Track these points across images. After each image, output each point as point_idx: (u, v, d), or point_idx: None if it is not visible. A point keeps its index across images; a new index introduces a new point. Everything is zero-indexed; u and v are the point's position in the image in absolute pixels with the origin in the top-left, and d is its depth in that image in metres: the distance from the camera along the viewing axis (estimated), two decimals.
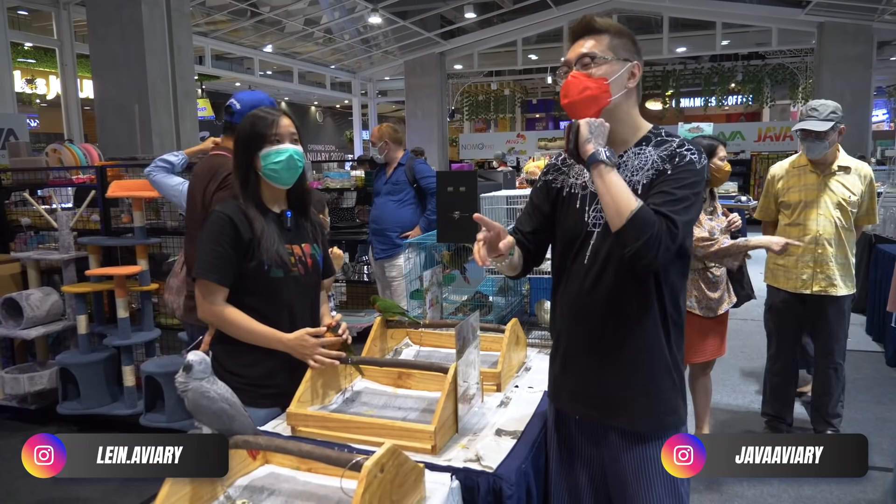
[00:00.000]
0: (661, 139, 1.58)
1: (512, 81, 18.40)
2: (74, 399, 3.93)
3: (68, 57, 8.11)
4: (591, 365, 1.61)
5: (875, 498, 3.01)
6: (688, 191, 1.47)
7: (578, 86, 1.54)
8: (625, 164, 1.57)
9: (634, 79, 1.58)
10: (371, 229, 4.47)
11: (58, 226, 4.08)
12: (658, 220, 1.40)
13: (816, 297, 3.30)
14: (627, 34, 1.59)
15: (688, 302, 3.05)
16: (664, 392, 1.59)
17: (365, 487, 1.21)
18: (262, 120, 1.89)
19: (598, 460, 1.66)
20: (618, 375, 1.58)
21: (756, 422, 3.76)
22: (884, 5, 10.21)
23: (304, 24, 11.76)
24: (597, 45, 1.56)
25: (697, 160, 1.51)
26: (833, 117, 3.17)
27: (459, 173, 2.73)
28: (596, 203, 1.58)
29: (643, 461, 1.58)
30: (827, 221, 3.24)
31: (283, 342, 1.85)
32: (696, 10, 12.18)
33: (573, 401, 1.67)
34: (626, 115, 1.60)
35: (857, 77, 11.28)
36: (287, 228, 1.96)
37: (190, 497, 1.35)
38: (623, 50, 1.57)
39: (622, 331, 1.57)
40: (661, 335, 1.58)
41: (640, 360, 1.57)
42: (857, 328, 5.76)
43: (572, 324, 1.64)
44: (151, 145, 6.12)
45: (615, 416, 1.60)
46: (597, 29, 1.57)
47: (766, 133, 14.87)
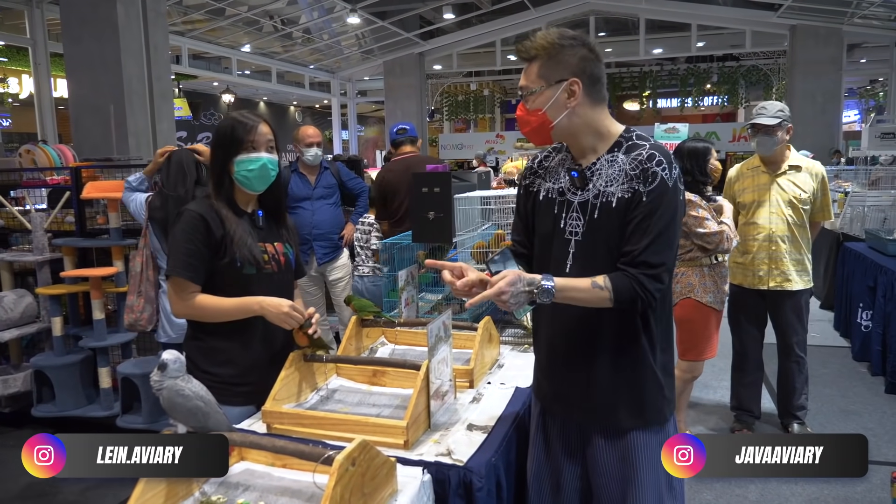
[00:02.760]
0: (632, 143, 1.58)
1: (491, 82, 18.46)
2: (49, 402, 3.90)
3: (41, 56, 7.99)
4: (574, 369, 1.64)
5: (833, 491, 3.10)
6: (666, 220, 1.51)
7: (522, 120, 1.63)
8: (598, 173, 1.58)
9: (575, 96, 1.55)
10: (313, 235, 4.29)
11: (32, 227, 4.05)
12: (633, 283, 1.49)
13: (774, 293, 3.44)
14: (563, 47, 1.55)
15: (706, 297, 3.21)
16: (648, 394, 1.61)
17: (336, 481, 1.24)
18: (241, 125, 1.91)
19: (580, 456, 1.70)
20: (602, 380, 1.61)
21: (727, 416, 3.85)
22: (853, 9, 10.43)
23: (282, 24, 11.72)
24: (527, 78, 1.60)
25: (669, 177, 1.51)
26: (780, 115, 3.31)
27: (434, 174, 2.77)
28: (572, 211, 1.60)
29: (626, 452, 1.61)
30: (779, 219, 3.38)
31: (259, 303, 1.85)
32: (672, 13, 12.35)
33: (557, 402, 1.71)
34: (587, 125, 1.59)
35: (828, 79, 11.50)
36: (259, 227, 1.99)
37: (165, 494, 1.37)
38: (556, 71, 1.55)
39: (606, 336, 1.59)
40: (644, 339, 1.59)
41: (624, 365, 1.60)
42: (825, 324, 5.90)
43: (556, 328, 1.66)
44: (127, 146, 6.06)
45: (599, 419, 1.64)
46: (527, 57, 1.60)
47: (741, 133, 15.10)
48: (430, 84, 16.29)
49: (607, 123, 1.61)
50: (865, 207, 5.89)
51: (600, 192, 1.56)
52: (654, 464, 1.58)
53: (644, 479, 1.60)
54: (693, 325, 3.28)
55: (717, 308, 3.26)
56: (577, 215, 1.58)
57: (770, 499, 3.07)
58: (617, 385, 1.61)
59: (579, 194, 1.59)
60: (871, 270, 4.78)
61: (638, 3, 12.13)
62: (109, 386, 3.88)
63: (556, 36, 1.57)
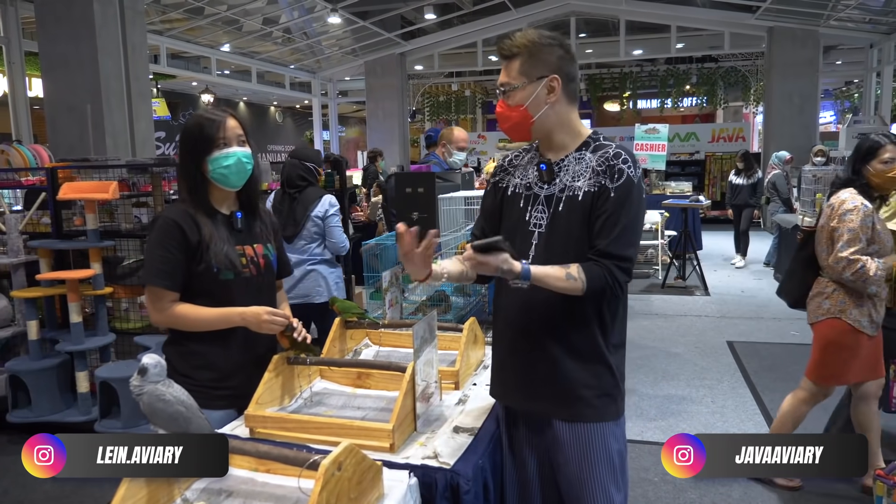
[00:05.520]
0: (598, 144, 1.67)
1: (472, 82, 18.47)
2: (25, 407, 3.83)
3: (16, 55, 7.83)
4: (533, 361, 1.68)
5: (816, 488, 3.14)
6: (632, 215, 1.59)
7: (502, 116, 1.68)
8: (566, 168, 1.65)
9: (554, 92, 1.63)
10: None
11: (6, 229, 3.97)
12: (605, 272, 1.56)
13: None
14: (543, 46, 1.63)
15: (861, 321, 2.82)
16: (604, 385, 1.67)
17: (322, 486, 1.22)
18: (209, 122, 1.86)
19: (543, 451, 1.73)
20: (560, 371, 1.65)
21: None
22: (829, 11, 10.58)
23: (262, 24, 11.62)
24: (507, 74, 1.65)
25: (634, 174, 1.60)
26: None
27: (418, 175, 2.76)
28: (538, 204, 1.66)
29: (586, 447, 1.66)
30: None
31: (240, 314, 1.82)
32: (651, 14, 12.43)
33: (516, 396, 1.74)
34: (561, 123, 1.67)
35: (805, 80, 11.65)
36: (237, 230, 1.94)
37: (147, 499, 1.34)
38: (537, 68, 1.63)
39: (563, 327, 1.64)
40: (598, 331, 1.65)
41: (581, 356, 1.64)
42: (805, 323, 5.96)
43: (515, 321, 1.70)
44: (105, 146, 5.98)
45: (558, 410, 1.67)
46: (507, 54, 1.65)
47: (720, 134, 15.29)
48: (411, 84, 16.26)
49: (578, 123, 1.71)
50: None
51: (566, 186, 1.64)
52: (610, 466, 1.67)
53: (599, 472, 1.66)
54: (839, 350, 2.89)
55: (869, 333, 2.83)
56: (542, 208, 1.66)
57: (753, 496, 3.09)
58: (577, 375, 1.65)
59: (545, 188, 1.67)
60: None
61: (618, 5, 12.19)
62: (87, 390, 3.81)
63: (536, 35, 1.65)
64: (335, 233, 3.56)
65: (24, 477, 3.31)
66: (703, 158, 14.64)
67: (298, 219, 3.51)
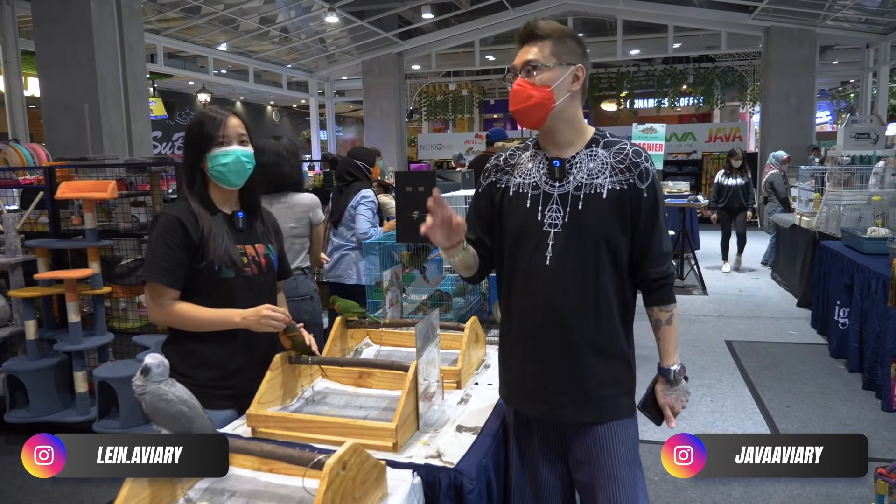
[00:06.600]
0: (608, 140, 1.65)
1: (470, 82, 18.47)
2: (23, 407, 3.81)
3: (12, 54, 7.80)
4: (558, 365, 1.64)
5: (815, 488, 3.14)
6: (664, 209, 1.67)
7: (523, 94, 1.60)
8: (578, 165, 1.62)
9: (578, 81, 1.62)
10: None
11: (3, 228, 3.95)
12: (669, 280, 1.67)
13: None
14: (571, 37, 1.63)
15: None
16: (625, 382, 1.67)
17: (327, 485, 1.21)
18: (210, 120, 1.86)
19: (559, 452, 1.71)
20: (585, 374, 1.62)
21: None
22: (826, 11, 10.60)
23: (259, 23, 11.60)
24: (539, 53, 1.60)
25: (653, 171, 1.63)
26: None
27: (418, 173, 2.75)
28: (552, 203, 1.62)
29: (609, 443, 1.64)
30: None
31: (241, 315, 1.81)
32: (648, 14, 12.45)
33: (534, 401, 1.70)
34: (572, 118, 1.64)
35: (801, 80, 11.68)
36: (238, 229, 1.94)
37: (149, 499, 1.33)
38: (567, 54, 1.60)
39: (588, 329, 1.61)
40: (622, 331, 1.65)
41: (606, 355, 1.63)
42: (802, 322, 6.00)
43: (538, 325, 1.64)
44: (102, 145, 5.96)
45: (580, 414, 1.65)
46: (540, 35, 1.61)
47: (717, 134, 15.30)
48: (408, 84, 16.24)
49: (584, 122, 1.69)
50: (841, 206, 5.99)
51: (583, 183, 1.61)
52: (632, 456, 1.68)
53: (624, 472, 1.65)
54: None
55: None
56: (557, 207, 1.61)
57: (754, 496, 3.10)
58: (602, 378, 1.63)
59: (558, 186, 1.62)
60: (847, 268, 4.85)
61: (615, 4, 12.21)
62: (86, 390, 3.79)
63: (565, 26, 1.65)
64: (358, 220, 3.92)
65: (22, 477, 3.29)
66: (700, 158, 14.68)
67: (341, 208, 3.99)
